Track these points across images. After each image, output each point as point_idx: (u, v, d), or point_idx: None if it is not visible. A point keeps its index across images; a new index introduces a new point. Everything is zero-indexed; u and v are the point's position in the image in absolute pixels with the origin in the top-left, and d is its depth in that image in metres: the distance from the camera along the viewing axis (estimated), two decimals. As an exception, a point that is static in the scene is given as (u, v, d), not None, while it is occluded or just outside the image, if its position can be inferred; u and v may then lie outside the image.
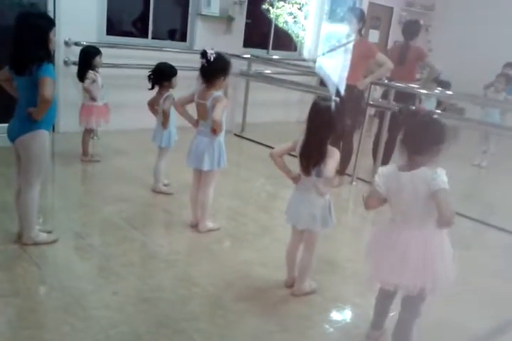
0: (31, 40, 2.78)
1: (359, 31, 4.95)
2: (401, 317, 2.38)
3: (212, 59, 3.22)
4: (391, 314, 2.51)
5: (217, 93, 3.35)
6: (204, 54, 3.24)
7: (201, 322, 2.56)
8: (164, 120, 4.06)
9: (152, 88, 4.10)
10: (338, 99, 2.65)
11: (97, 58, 4.77)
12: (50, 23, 2.90)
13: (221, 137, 3.45)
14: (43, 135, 2.94)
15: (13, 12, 3.35)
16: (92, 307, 2.58)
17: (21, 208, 3.05)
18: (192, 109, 3.52)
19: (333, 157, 2.59)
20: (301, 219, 2.74)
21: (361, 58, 4.84)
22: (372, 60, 4.95)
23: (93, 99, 4.77)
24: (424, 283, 2.20)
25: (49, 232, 3.25)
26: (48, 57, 2.85)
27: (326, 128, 2.58)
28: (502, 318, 2.92)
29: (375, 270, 2.36)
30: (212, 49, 3.26)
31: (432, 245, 2.21)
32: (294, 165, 2.74)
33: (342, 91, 4.47)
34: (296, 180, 2.74)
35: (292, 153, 2.75)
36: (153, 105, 4.19)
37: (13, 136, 2.93)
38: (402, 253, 2.20)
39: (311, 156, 2.61)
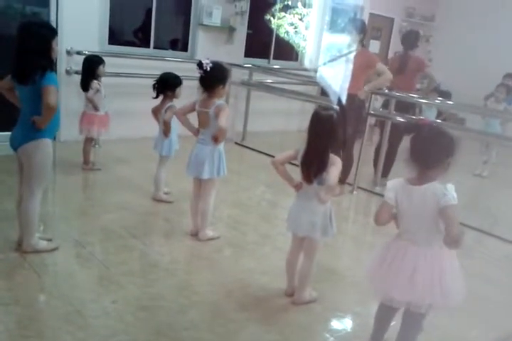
0: (34, 49, 2.79)
1: (360, 42, 4.98)
2: (403, 333, 2.36)
3: (208, 69, 3.26)
4: (392, 323, 2.48)
5: (220, 101, 3.38)
6: (200, 64, 3.28)
7: (201, 331, 2.55)
8: (166, 130, 4.08)
9: (156, 97, 4.12)
10: (339, 108, 2.66)
11: (101, 67, 4.80)
12: (53, 32, 2.92)
13: (221, 146, 3.47)
14: (47, 143, 2.94)
15: (16, 21, 3.38)
16: (92, 315, 2.57)
17: (22, 216, 3.05)
18: (192, 118, 3.54)
19: (336, 165, 2.59)
20: (301, 227, 2.74)
21: (362, 68, 4.87)
22: (373, 70, 4.97)
23: (96, 108, 4.80)
24: (433, 300, 2.18)
25: (49, 240, 3.25)
26: (51, 66, 2.87)
27: (327, 137, 2.59)
28: (502, 329, 2.90)
29: (383, 289, 2.31)
30: (208, 59, 3.30)
31: (440, 262, 2.19)
32: (295, 173, 2.74)
33: (343, 101, 4.49)
34: (297, 187, 2.75)
35: (293, 161, 2.76)
36: (156, 113, 4.21)
37: (16, 144, 2.94)
38: (410, 272, 2.17)
39: (312, 165, 2.61)
